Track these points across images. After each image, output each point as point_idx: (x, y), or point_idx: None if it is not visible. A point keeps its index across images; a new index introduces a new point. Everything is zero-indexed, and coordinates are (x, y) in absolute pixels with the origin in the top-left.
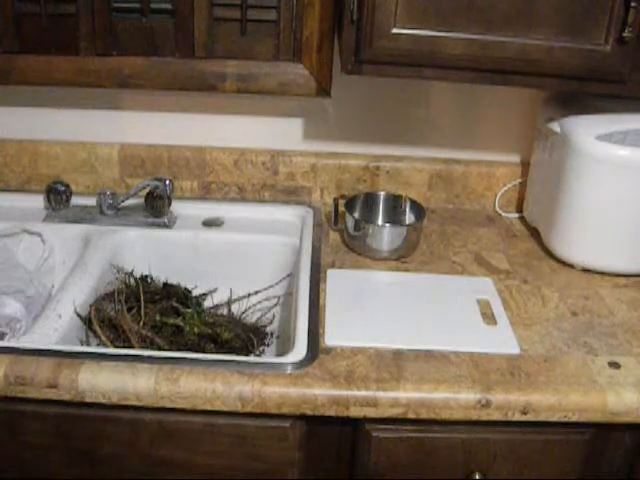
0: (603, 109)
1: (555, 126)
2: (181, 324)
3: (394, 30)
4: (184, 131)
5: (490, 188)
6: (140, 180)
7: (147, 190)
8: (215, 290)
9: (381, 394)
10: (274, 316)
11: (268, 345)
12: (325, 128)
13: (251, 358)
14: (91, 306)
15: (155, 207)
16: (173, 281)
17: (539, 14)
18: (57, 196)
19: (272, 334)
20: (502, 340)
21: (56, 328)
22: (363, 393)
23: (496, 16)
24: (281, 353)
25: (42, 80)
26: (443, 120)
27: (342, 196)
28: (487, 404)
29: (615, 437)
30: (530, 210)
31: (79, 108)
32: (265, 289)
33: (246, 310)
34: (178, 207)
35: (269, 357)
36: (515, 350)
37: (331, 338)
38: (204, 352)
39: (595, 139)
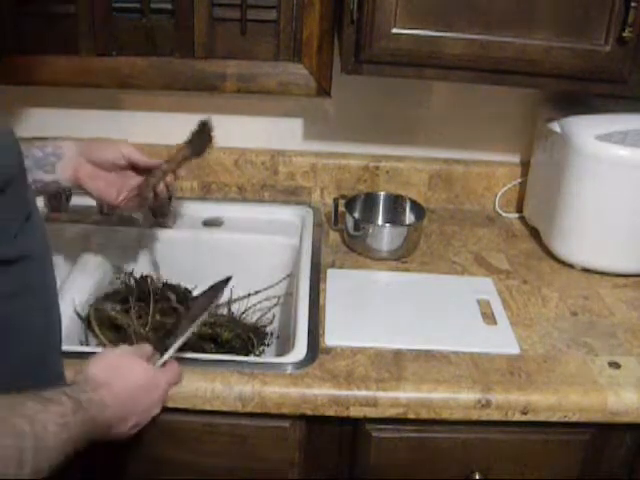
0: (603, 109)
1: (555, 126)
2: None
3: (394, 30)
4: (184, 131)
5: (490, 188)
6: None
7: None
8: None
9: (381, 394)
10: (274, 316)
11: (268, 345)
12: (325, 128)
13: (251, 358)
14: (91, 306)
15: (155, 207)
16: (173, 281)
17: (539, 14)
18: (57, 196)
19: (272, 334)
20: (502, 340)
21: None
22: (363, 393)
23: (496, 16)
24: (281, 353)
25: (42, 80)
26: (443, 120)
27: (342, 196)
28: (487, 404)
29: (615, 437)
30: (530, 210)
31: (79, 108)
32: (265, 289)
33: (246, 310)
34: (178, 207)
35: (269, 357)
36: (515, 350)
37: (331, 338)
38: (204, 352)
39: (595, 139)
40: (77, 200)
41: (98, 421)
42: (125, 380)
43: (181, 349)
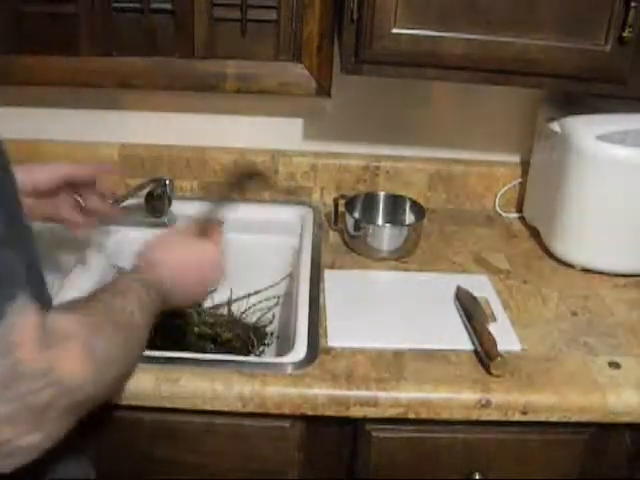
0: (603, 109)
1: (555, 126)
2: (181, 324)
3: (394, 30)
4: (184, 131)
5: (490, 188)
6: (140, 180)
7: (147, 190)
8: (215, 290)
9: (381, 394)
10: (274, 316)
11: (268, 345)
12: (325, 128)
13: (251, 358)
14: None
15: (155, 207)
16: None
17: (539, 14)
18: None
19: (272, 334)
20: (502, 340)
21: None
22: (363, 393)
23: (496, 16)
24: (281, 353)
25: (42, 80)
26: (443, 120)
27: (342, 196)
28: (487, 404)
29: (615, 437)
30: (530, 210)
31: (79, 108)
32: (265, 289)
33: (246, 310)
34: (178, 207)
35: (269, 357)
36: (516, 350)
37: (331, 338)
38: (204, 352)
39: (595, 139)
40: None
41: (162, 294)
42: (175, 254)
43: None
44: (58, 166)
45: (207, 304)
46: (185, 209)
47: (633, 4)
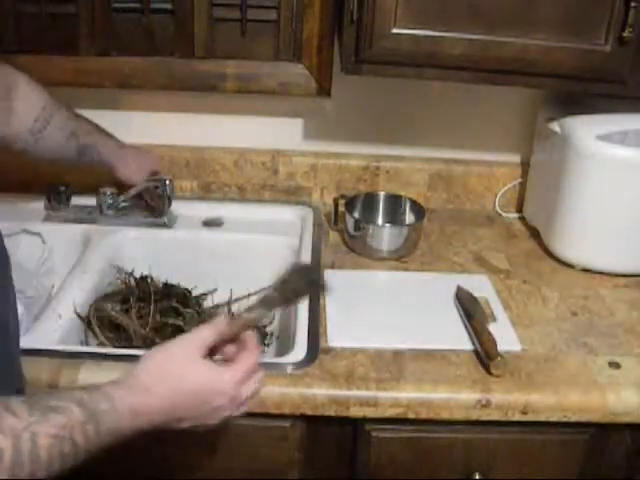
0: (603, 109)
1: (555, 126)
2: (181, 324)
3: (394, 30)
4: (184, 131)
5: (490, 188)
6: None
7: (147, 190)
8: (215, 290)
9: (381, 394)
10: (274, 316)
11: (268, 345)
12: (325, 128)
13: None
14: (91, 306)
15: (155, 207)
16: (173, 281)
17: (539, 14)
18: (57, 196)
19: (272, 334)
20: (502, 340)
21: (56, 328)
22: (363, 393)
23: (496, 16)
24: (281, 353)
25: (42, 80)
26: (443, 120)
27: (342, 196)
28: (487, 404)
29: (615, 437)
30: (530, 210)
31: (79, 108)
32: (265, 289)
33: None
34: (178, 207)
35: (269, 357)
36: (516, 349)
37: (331, 338)
38: None
39: (595, 139)
40: (77, 200)
41: (125, 428)
42: (172, 388)
43: None
44: (145, 164)
45: (207, 304)
46: (185, 209)
47: (633, 4)
